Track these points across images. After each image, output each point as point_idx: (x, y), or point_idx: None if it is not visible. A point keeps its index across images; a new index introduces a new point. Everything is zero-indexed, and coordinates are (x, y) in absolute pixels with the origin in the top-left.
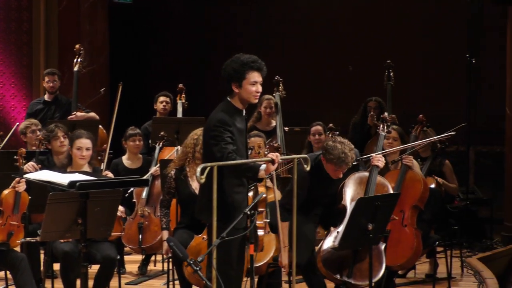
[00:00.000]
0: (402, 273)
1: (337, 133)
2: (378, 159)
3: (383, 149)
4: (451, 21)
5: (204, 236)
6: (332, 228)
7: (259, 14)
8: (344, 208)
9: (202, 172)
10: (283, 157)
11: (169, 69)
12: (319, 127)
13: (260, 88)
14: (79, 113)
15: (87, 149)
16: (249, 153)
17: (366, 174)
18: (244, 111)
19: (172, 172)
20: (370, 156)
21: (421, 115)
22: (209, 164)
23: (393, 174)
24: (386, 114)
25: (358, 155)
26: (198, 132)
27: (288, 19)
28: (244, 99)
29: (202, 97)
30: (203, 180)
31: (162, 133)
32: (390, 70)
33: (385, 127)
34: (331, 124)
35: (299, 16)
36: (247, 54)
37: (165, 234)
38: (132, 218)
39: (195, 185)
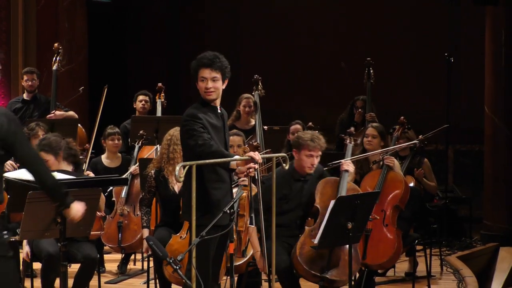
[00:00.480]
0: (382, 272)
1: (316, 132)
2: (348, 164)
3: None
4: (431, 20)
5: (182, 235)
6: (306, 228)
7: (237, 13)
8: (317, 210)
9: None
10: (262, 155)
11: (148, 68)
12: (299, 126)
13: (209, 85)
14: (58, 112)
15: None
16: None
17: (337, 178)
18: (218, 108)
19: (152, 172)
20: (339, 162)
21: (402, 117)
22: (187, 163)
23: (375, 174)
24: (352, 128)
25: (322, 169)
26: (171, 132)
27: (268, 17)
28: (202, 95)
29: (181, 96)
30: (182, 179)
31: (141, 132)
32: (370, 68)
33: (352, 140)
34: (310, 123)
35: (279, 15)
36: (209, 52)
37: (146, 232)
38: (112, 217)
39: (174, 185)
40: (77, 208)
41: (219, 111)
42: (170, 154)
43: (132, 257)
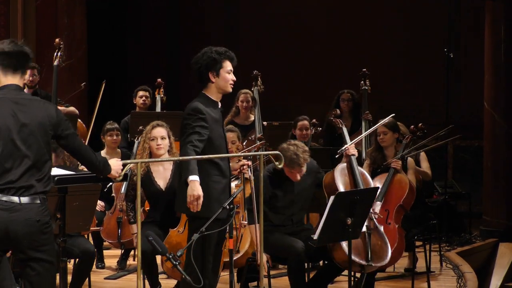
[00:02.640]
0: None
1: (320, 128)
2: (352, 148)
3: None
4: (430, 15)
5: (180, 229)
6: None
7: (237, 7)
8: None
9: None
10: (251, 153)
11: (147, 63)
12: (306, 122)
13: (234, 78)
14: (59, 108)
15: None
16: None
17: (344, 165)
18: (219, 104)
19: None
20: (345, 148)
21: (412, 126)
22: (128, 161)
23: (382, 176)
24: (338, 110)
25: (314, 164)
26: (147, 128)
27: (267, 12)
28: (220, 88)
29: (180, 91)
30: (120, 178)
31: (140, 127)
32: (366, 79)
33: (340, 123)
34: (314, 120)
35: (279, 10)
36: (217, 47)
37: (134, 228)
38: (111, 213)
39: (159, 181)
40: (115, 164)
41: (219, 106)
42: (146, 150)
43: (132, 252)
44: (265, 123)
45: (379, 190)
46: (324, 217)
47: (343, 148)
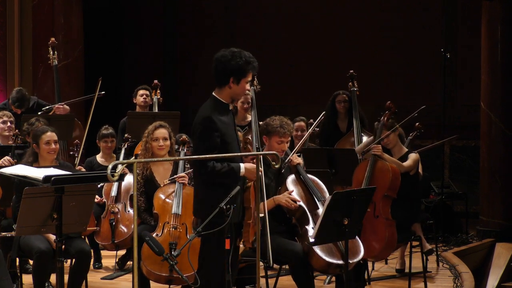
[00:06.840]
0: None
1: (317, 129)
2: (295, 157)
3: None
4: (427, 15)
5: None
6: (306, 227)
7: (235, 7)
8: (301, 207)
9: (113, 169)
10: (248, 153)
11: (144, 63)
12: (303, 123)
13: (249, 87)
14: (66, 106)
15: (55, 142)
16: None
17: (293, 176)
18: (230, 106)
19: (138, 170)
20: (288, 159)
21: (388, 102)
22: (123, 161)
23: (363, 165)
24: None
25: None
26: (149, 128)
27: (264, 12)
28: (235, 95)
29: (178, 91)
30: (115, 178)
31: (126, 135)
32: (354, 80)
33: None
34: (311, 120)
35: (276, 10)
36: (245, 51)
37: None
38: (103, 217)
39: (160, 181)
40: None
41: (230, 108)
42: (148, 150)
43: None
44: (261, 123)
45: (363, 183)
46: (321, 218)
47: (286, 160)
